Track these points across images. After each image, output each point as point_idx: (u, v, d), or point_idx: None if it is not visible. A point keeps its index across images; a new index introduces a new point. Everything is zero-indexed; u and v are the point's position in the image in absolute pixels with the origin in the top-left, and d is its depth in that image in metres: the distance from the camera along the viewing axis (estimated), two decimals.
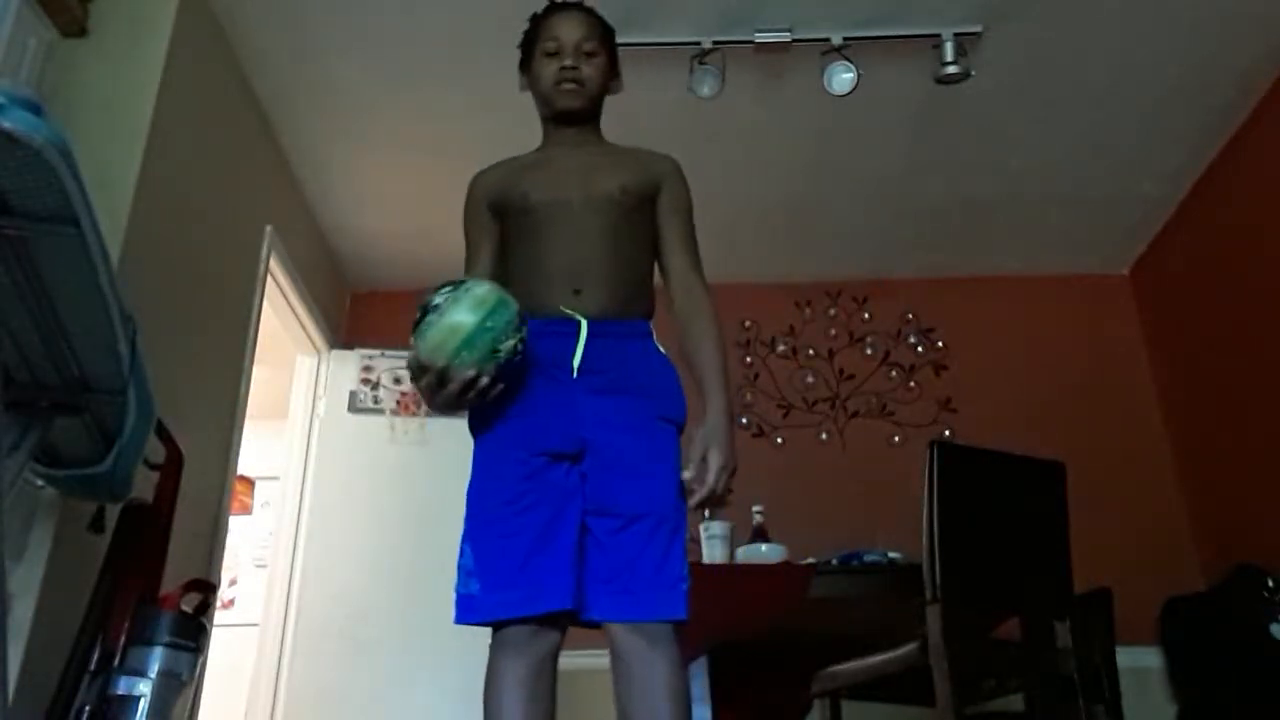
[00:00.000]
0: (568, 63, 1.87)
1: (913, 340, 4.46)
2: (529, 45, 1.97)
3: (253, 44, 3.21)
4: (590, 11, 1.97)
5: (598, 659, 1.62)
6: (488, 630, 1.59)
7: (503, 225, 1.91)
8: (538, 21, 1.97)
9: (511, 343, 1.54)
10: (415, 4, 3.09)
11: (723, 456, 1.61)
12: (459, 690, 3.71)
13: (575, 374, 1.66)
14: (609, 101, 1.96)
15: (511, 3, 3.16)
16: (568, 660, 1.73)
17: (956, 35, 3.17)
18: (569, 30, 1.91)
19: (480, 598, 1.58)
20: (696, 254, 1.87)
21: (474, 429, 1.77)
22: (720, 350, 1.75)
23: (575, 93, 1.87)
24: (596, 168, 1.84)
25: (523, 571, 1.55)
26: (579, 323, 1.68)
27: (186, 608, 2.19)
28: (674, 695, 1.51)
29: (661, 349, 1.77)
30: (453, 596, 1.60)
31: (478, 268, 1.93)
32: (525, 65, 1.98)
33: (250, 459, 3.66)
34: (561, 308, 1.70)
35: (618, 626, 1.56)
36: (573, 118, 1.90)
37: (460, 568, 1.64)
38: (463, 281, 1.62)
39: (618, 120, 1.98)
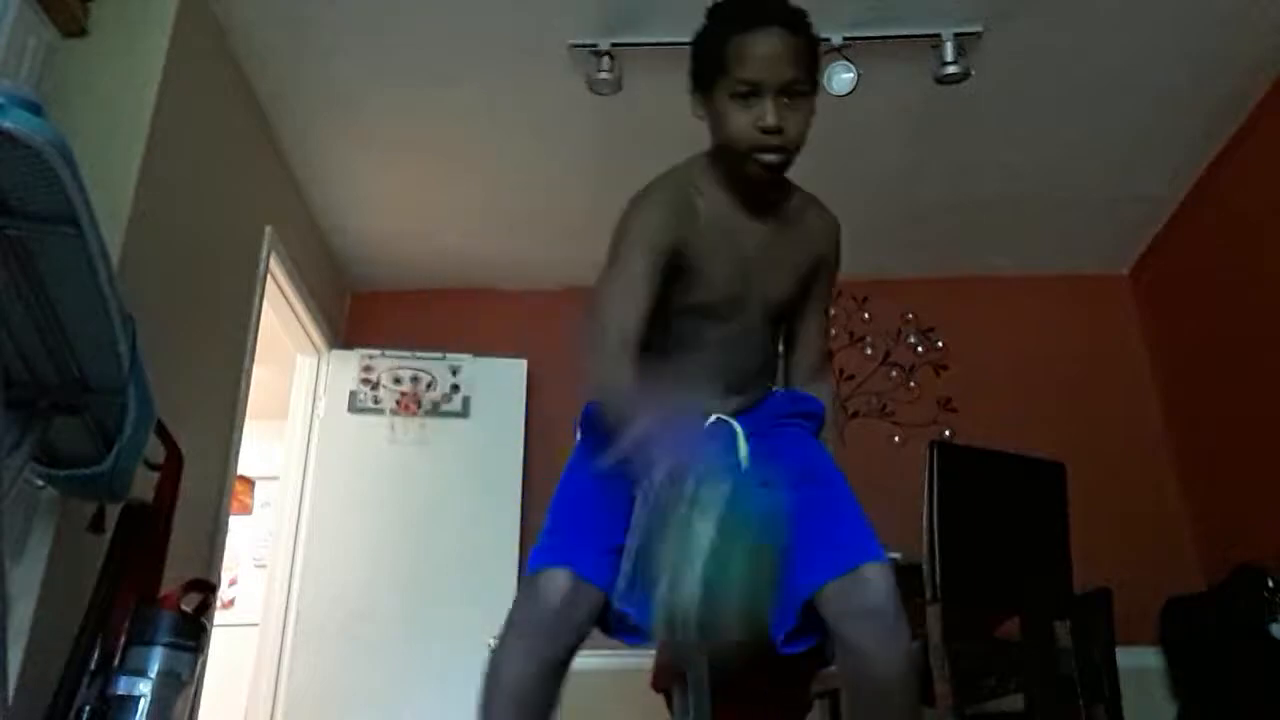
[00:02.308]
0: (770, 122, 1.43)
1: (912, 340, 4.46)
2: (709, 61, 1.49)
3: (253, 44, 3.21)
4: (801, 26, 1.53)
5: (597, 659, 1.62)
6: (486, 632, 1.64)
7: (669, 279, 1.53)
8: (726, 35, 1.46)
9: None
10: (415, 4, 3.09)
11: None
12: (459, 690, 3.72)
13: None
14: (607, 105, 1.83)
15: (511, 2, 3.18)
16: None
17: (956, 35, 3.17)
18: (775, 66, 1.44)
19: None
20: (828, 337, 1.73)
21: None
22: (834, 430, 1.67)
23: (777, 165, 1.49)
24: (776, 253, 1.57)
25: None
26: (732, 428, 1.53)
27: (186, 608, 2.19)
28: None
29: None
30: (452, 594, 1.58)
31: (639, 309, 1.47)
32: (701, 85, 1.52)
33: (250, 459, 3.66)
34: (716, 414, 1.55)
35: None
36: (768, 185, 1.55)
37: None
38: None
39: (618, 120, 1.98)
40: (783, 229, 1.60)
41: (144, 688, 2.03)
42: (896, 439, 4.24)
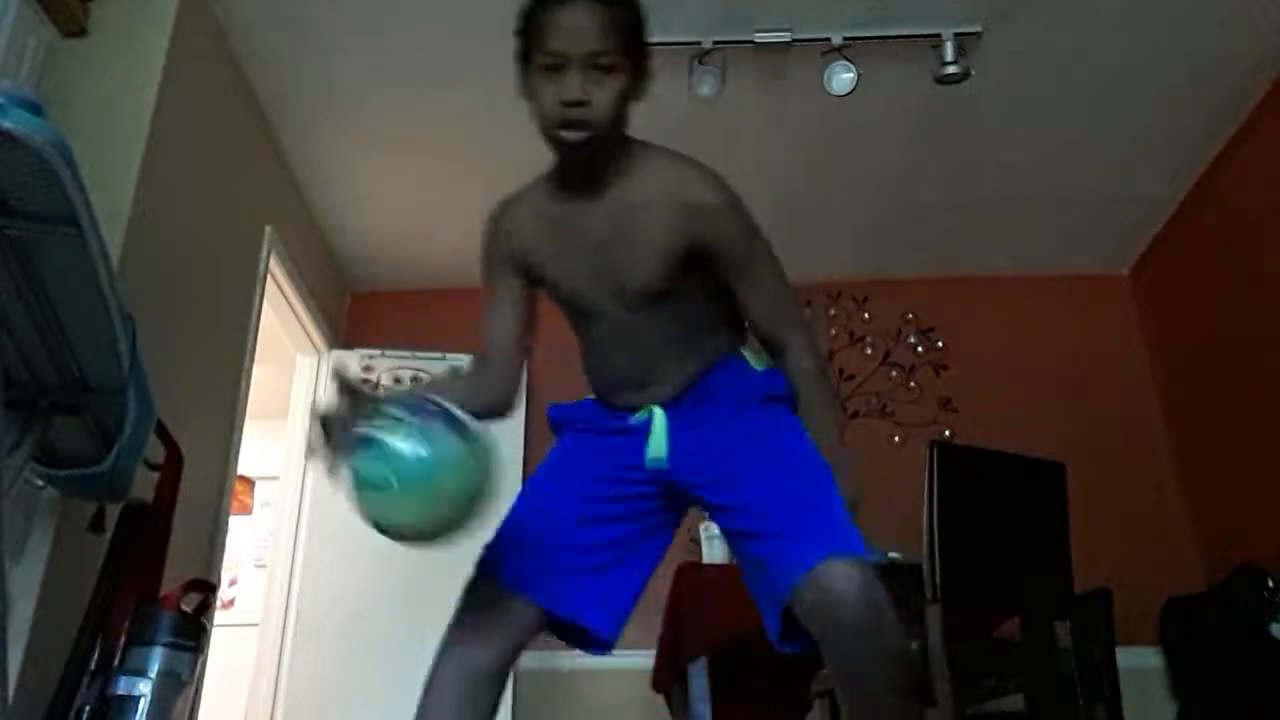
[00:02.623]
0: (572, 95, 1.37)
1: (912, 340, 4.46)
2: (524, 38, 1.45)
3: (253, 44, 3.21)
4: None
5: (598, 659, 1.60)
6: None
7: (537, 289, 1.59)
8: (537, 8, 1.42)
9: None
10: (415, 4, 3.09)
11: (849, 483, 1.46)
12: None
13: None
14: None
15: (512, 2, 3.17)
16: (567, 660, 1.73)
17: (956, 35, 3.17)
18: (578, 36, 1.37)
19: None
20: (781, 301, 1.55)
21: None
22: (827, 410, 1.57)
23: (581, 142, 1.40)
24: (622, 236, 1.46)
25: None
26: (651, 414, 1.51)
27: (186, 608, 2.19)
28: None
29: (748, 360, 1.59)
30: (452, 594, 1.59)
31: (494, 334, 1.58)
32: (521, 64, 1.47)
33: (250, 459, 3.66)
34: (633, 408, 1.54)
35: None
36: (581, 162, 1.47)
37: None
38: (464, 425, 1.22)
39: None
40: (626, 209, 1.46)
41: (144, 688, 2.03)
42: (896, 439, 4.24)
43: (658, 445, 1.49)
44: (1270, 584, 3.21)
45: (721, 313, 1.57)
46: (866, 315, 4.49)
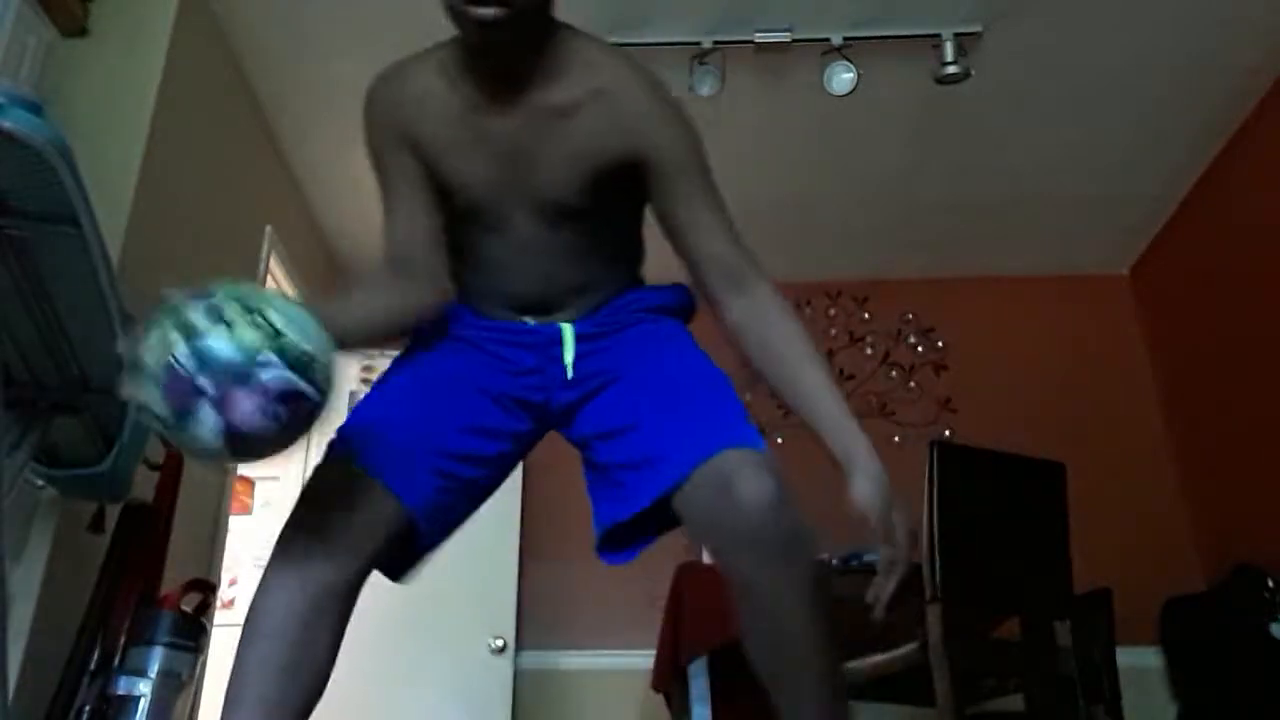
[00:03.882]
0: None
1: (913, 340, 4.46)
2: None
3: (253, 44, 3.21)
4: None
5: (597, 659, 1.59)
6: (486, 632, 1.53)
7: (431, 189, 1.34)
8: None
9: None
10: (415, 4, 3.08)
11: (905, 512, 1.22)
12: (457, 690, 3.72)
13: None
14: None
15: None
16: (568, 660, 1.72)
17: (956, 35, 3.17)
18: None
19: None
20: (734, 232, 1.29)
21: None
22: (827, 368, 1.29)
23: (496, 21, 1.16)
24: (540, 144, 1.26)
25: None
26: (557, 329, 1.36)
27: (186, 608, 2.20)
28: None
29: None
30: (452, 594, 1.50)
31: (402, 226, 1.35)
32: None
33: None
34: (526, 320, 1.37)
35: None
36: (496, 50, 1.24)
37: None
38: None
39: None
40: (549, 113, 1.26)
41: (144, 688, 2.03)
42: (896, 439, 4.23)
43: (566, 353, 1.33)
44: (1270, 584, 3.21)
45: (634, 244, 1.43)
46: (866, 315, 4.49)
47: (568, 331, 1.35)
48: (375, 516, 1.23)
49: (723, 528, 1.14)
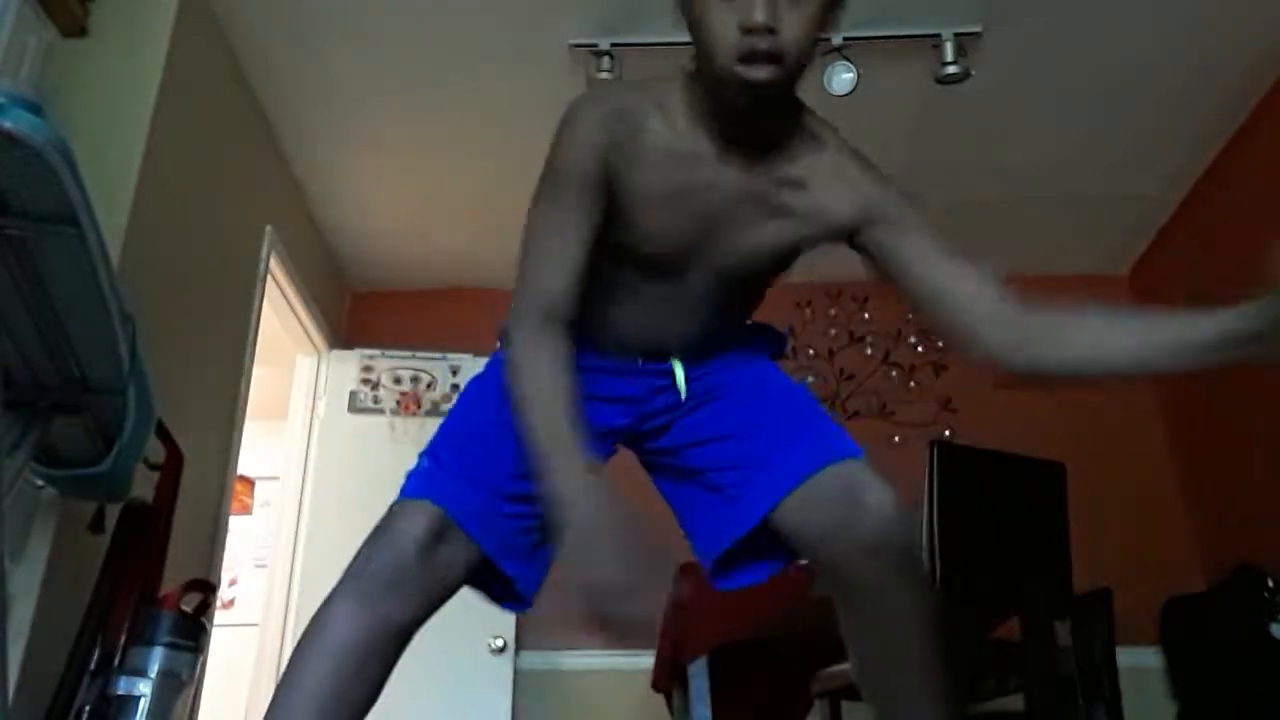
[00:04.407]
0: (758, 19, 1.07)
1: (913, 340, 4.46)
2: None
3: (253, 44, 3.21)
4: None
5: (597, 659, 1.59)
6: (486, 632, 1.53)
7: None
8: None
9: None
10: (415, 4, 3.09)
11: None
12: (457, 690, 3.72)
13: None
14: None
15: (511, 2, 3.18)
16: (568, 660, 1.71)
17: (956, 35, 3.17)
18: None
19: None
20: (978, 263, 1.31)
21: None
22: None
23: (766, 82, 1.11)
24: (753, 214, 1.23)
25: None
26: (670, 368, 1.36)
27: (186, 608, 2.19)
28: None
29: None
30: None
31: (565, 278, 1.25)
32: None
33: (250, 459, 3.66)
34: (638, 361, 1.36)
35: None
36: (753, 111, 1.18)
37: None
38: None
39: None
40: (774, 182, 1.22)
41: (144, 688, 2.03)
42: (896, 439, 4.23)
43: (682, 385, 1.34)
44: (1270, 584, 3.21)
45: (758, 297, 1.43)
46: (866, 315, 4.49)
47: (678, 367, 1.35)
48: (453, 562, 1.25)
49: (846, 535, 1.15)
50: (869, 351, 4.45)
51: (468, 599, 1.39)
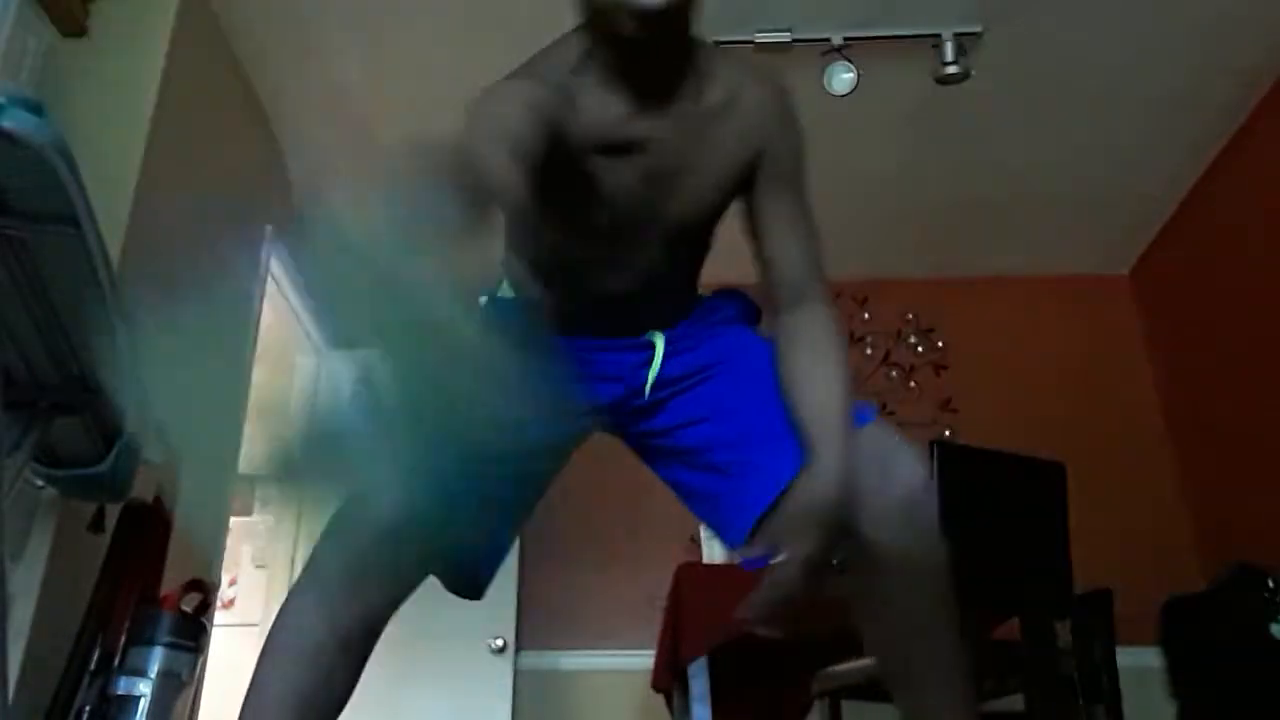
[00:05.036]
0: None
1: (913, 340, 4.46)
2: None
3: (253, 44, 3.21)
4: None
5: (597, 659, 1.58)
6: (486, 632, 1.50)
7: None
8: None
9: None
10: (415, 4, 3.09)
11: (819, 544, 1.09)
12: (457, 690, 3.72)
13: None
14: None
15: (511, 3, 3.18)
16: (567, 660, 1.71)
17: (956, 35, 3.17)
18: None
19: None
20: (815, 248, 1.30)
21: None
22: (847, 394, 1.19)
23: (660, 10, 1.07)
24: (690, 157, 1.20)
25: None
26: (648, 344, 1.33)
27: (186, 608, 2.20)
28: None
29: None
30: (447, 593, 1.46)
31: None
32: None
33: (250, 459, 3.66)
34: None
35: None
36: (651, 51, 1.14)
37: None
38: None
39: None
40: (698, 119, 1.20)
41: (144, 688, 2.03)
42: None
43: (656, 368, 1.31)
44: (1270, 584, 3.21)
45: (708, 245, 1.41)
46: (866, 315, 4.49)
47: (659, 339, 1.32)
48: (421, 552, 1.23)
49: (874, 503, 1.14)
50: (869, 351, 4.45)
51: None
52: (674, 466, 1.36)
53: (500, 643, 3.71)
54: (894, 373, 4.41)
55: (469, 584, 1.34)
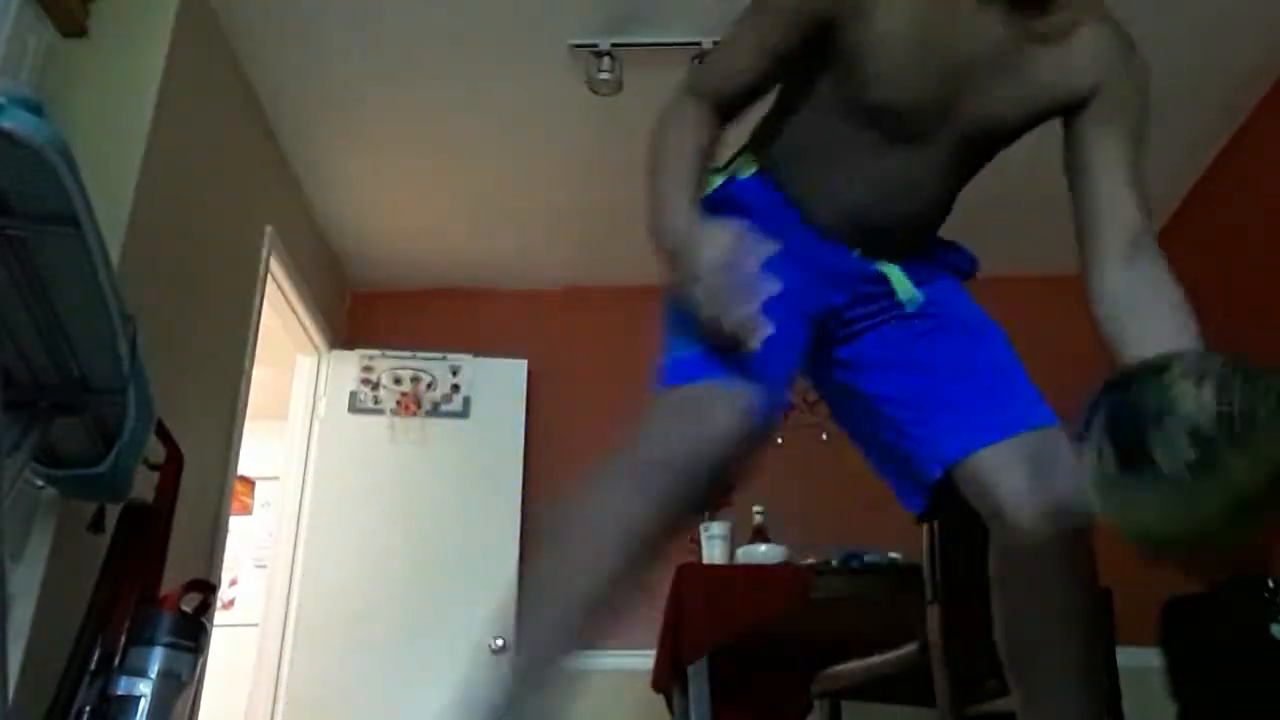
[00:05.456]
0: None
1: None
2: None
3: (253, 44, 3.21)
4: None
5: (597, 659, 1.58)
6: (486, 633, 1.47)
7: (815, 61, 1.23)
8: None
9: None
10: (415, 4, 3.09)
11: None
12: (458, 690, 3.72)
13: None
14: (607, 105, 1.55)
15: (512, 2, 3.18)
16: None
17: None
18: None
19: None
20: (1147, 193, 1.29)
21: None
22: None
23: None
24: (1010, 68, 1.19)
25: None
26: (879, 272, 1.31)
27: (186, 608, 2.19)
28: None
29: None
30: (452, 594, 1.45)
31: (748, 69, 1.25)
32: None
33: (250, 459, 3.66)
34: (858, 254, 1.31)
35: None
36: None
37: None
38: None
39: (618, 120, 1.95)
40: (1032, 39, 1.19)
41: (144, 688, 2.03)
42: None
43: (907, 288, 1.32)
44: (1270, 584, 3.21)
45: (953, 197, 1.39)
46: None
47: (894, 270, 1.31)
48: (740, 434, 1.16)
49: (1039, 497, 1.17)
50: None
51: (468, 597, 1.38)
52: (851, 415, 1.37)
53: (500, 643, 3.71)
54: None
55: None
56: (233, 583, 5.25)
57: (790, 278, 1.15)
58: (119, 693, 2.01)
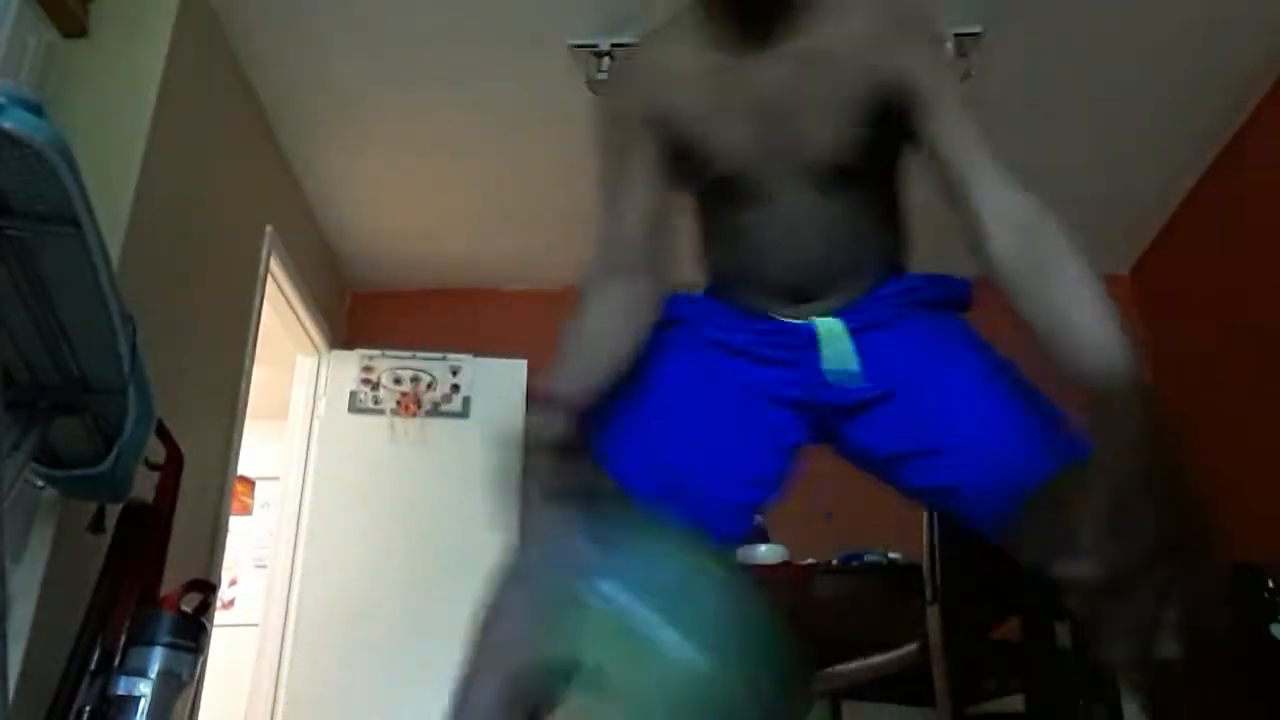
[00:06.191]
0: None
1: None
2: None
3: (253, 44, 3.21)
4: None
5: None
6: None
7: (672, 164, 1.26)
8: None
9: None
10: (415, 4, 3.09)
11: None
12: None
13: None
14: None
15: (512, 2, 3.18)
16: None
17: (956, 35, 3.17)
18: None
19: None
20: (1004, 169, 1.25)
21: None
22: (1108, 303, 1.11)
23: None
24: (804, 91, 1.17)
25: None
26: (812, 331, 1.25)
27: (186, 608, 2.19)
28: None
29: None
30: (452, 594, 1.44)
31: (626, 225, 1.27)
32: None
33: (250, 459, 3.66)
34: (784, 318, 1.27)
35: None
36: None
37: None
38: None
39: None
40: (805, 53, 1.17)
41: (144, 688, 2.03)
42: None
43: (842, 355, 1.23)
44: (1270, 584, 3.21)
45: (901, 221, 1.36)
46: None
47: (830, 326, 1.26)
48: None
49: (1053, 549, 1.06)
50: None
51: (468, 597, 1.38)
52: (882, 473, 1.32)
53: None
54: None
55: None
56: (233, 583, 5.25)
57: (736, 366, 1.22)
58: (119, 693, 2.01)
